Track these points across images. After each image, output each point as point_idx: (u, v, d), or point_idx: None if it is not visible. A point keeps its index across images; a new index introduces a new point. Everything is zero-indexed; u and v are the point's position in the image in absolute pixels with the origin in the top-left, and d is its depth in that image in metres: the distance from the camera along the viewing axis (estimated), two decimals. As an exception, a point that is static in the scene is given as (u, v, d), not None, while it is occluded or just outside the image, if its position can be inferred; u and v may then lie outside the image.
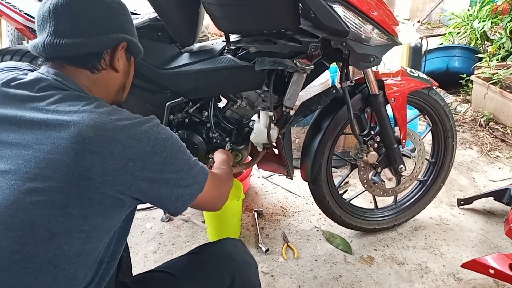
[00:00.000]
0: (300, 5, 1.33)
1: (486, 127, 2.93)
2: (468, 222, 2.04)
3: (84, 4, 0.90)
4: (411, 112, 1.90)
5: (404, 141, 1.70)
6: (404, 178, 1.81)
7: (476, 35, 3.67)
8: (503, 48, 3.37)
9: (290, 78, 1.46)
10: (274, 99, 1.52)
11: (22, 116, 0.82)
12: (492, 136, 2.85)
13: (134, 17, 1.49)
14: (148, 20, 1.50)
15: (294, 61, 1.39)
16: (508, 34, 3.34)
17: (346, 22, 1.34)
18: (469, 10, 3.92)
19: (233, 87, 1.53)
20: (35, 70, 0.95)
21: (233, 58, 1.45)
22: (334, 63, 1.67)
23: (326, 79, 2.38)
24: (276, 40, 1.40)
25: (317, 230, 1.99)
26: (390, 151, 1.70)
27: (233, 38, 1.49)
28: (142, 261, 1.80)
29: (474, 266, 1.53)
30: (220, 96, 1.62)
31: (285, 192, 2.28)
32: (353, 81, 1.60)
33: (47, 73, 0.90)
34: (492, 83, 2.93)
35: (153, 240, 1.92)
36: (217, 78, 1.47)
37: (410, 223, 2.02)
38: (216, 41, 1.59)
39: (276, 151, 1.76)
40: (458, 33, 3.89)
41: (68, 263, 0.79)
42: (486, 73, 3.04)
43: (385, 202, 2.02)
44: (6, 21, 1.65)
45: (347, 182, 2.33)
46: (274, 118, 1.51)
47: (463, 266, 1.57)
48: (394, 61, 2.76)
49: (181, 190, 0.91)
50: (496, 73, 2.97)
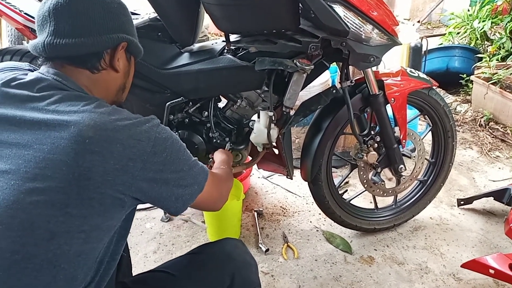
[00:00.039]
0: (300, 5, 1.33)
1: (486, 127, 2.93)
2: (468, 222, 2.04)
3: (84, 4, 0.90)
4: (411, 112, 1.90)
5: (404, 141, 1.70)
6: (404, 178, 1.81)
7: (476, 35, 3.67)
8: (503, 48, 3.37)
9: (290, 78, 1.46)
10: (274, 99, 1.52)
11: (22, 116, 0.82)
12: (492, 136, 2.85)
13: (134, 17, 1.49)
14: (148, 20, 1.51)
15: (294, 61, 1.39)
16: (508, 34, 3.34)
17: (346, 22, 1.34)
18: (469, 10, 3.91)
19: (233, 87, 1.53)
20: (35, 70, 0.95)
21: (233, 58, 1.45)
22: (334, 63, 1.67)
23: (326, 79, 2.38)
24: (276, 40, 1.40)
25: (317, 230, 1.99)
26: (390, 151, 1.70)
27: (233, 38, 1.49)
28: (142, 261, 1.80)
29: (474, 266, 1.53)
30: (220, 96, 1.62)
31: (285, 192, 2.28)
32: (353, 81, 1.60)
33: (47, 73, 0.90)
34: (492, 83, 2.93)
35: (153, 240, 1.93)
36: (217, 78, 1.47)
37: (410, 223, 2.02)
38: (216, 41, 1.59)
39: (276, 151, 1.76)
40: (458, 33, 3.88)
41: (68, 263, 0.79)
42: (486, 73, 3.04)
43: (385, 202, 2.02)
44: (6, 21, 1.65)
45: (347, 182, 2.33)
46: (274, 118, 1.51)
47: (463, 266, 1.57)
48: (394, 61, 2.76)
49: (181, 190, 0.91)
50: (496, 73, 2.98)
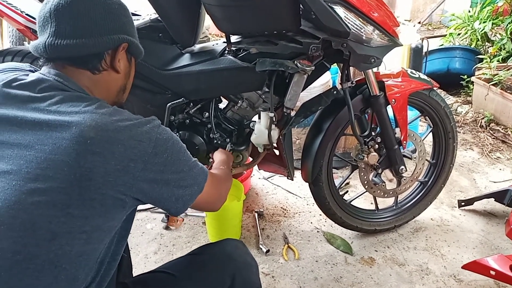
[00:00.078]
0: (301, 6, 1.33)
1: (487, 128, 2.93)
2: (469, 223, 2.04)
3: (85, 5, 0.91)
4: (412, 113, 1.90)
5: (404, 142, 1.70)
6: (404, 179, 1.81)
7: (477, 36, 3.67)
8: (504, 49, 3.36)
9: (291, 79, 1.46)
10: (275, 100, 1.52)
11: (24, 116, 0.82)
12: (493, 137, 2.85)
13: (135, 18, 1.50)
14: (149, 21, 1.51)
15: (295, 62, 1.39)
16: (509, 35, 3.33)
17: (347, 23, 1.34)
18: (469, 11, 3.91)
19: (234, 88, 1.53)
20: (36, 71, 0.95)
21: (234, 59, 1.45)
22: (335, 64, 1.67)
23: (327, 80, 2.38)
24: (277, 41, 1.40)
25: (317, 231, 1.99)
26: (390, 152, 1.70)
27: (234, 39, 1.49)
28: (143, 261, 1.80)
29: (475, 267, 1.53)
30: (221, 97, 1.62)
31: (285, 193, 2.28)
32: (353, 82, 1.60)
33: (48, 74, 0.90)
34: (492, 84, 2.93)
35: (153, 241, 1.93)
36: (218, 79, 1.47)
37: (410, 224, 2.02)
38: (217, 42, 1.60)
39: (276, 152, 1.76)
40: (459, 34, 3.88)
41: (69, 264, 0.79)
42: (487, 74, 3.04)
43: (385, 203, 2.02)
44: (7, 22, 1.66)
45: (348, 183, 2.33)
46: (274, 119, 1.51)
47: (464, 267, 1.57)
48: (394, 62, 2.76)
49: (181, 190, 0.92)
50: (497, 74, 2.98)
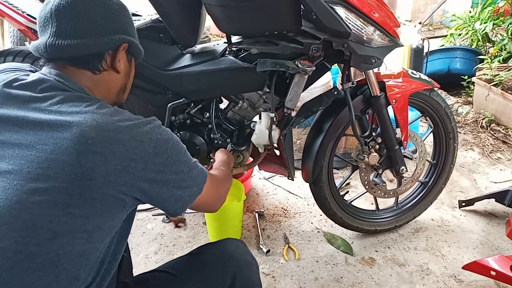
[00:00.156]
0: (301, 6, 1.34)
1: (487, 129, 2.93)
2: (469, 224, 2.04)
3: (85, 5, 0.91)
4: (413, 113, 1.90)
5: (405, 142, 1.70)
6: (405, 180, 1.81)
7: (477, 37, 3.67)
8: (505, 49, 3.36)
9: (292, 79, 1.46)
10: (275, 101, 1.52)
11: (25, 116, 0.82)
12: (493, 137, 2.85)
13: (136, 18, 1.50)
14: (150, 21, 1.51)
15: (296, 62, 1.39)
16: (509, 36, 3.33)
17: (347, 23, 1.34)
18: (470, 12, 3.91)
19: (234, 89, 1.54)
20: (36, 71, 0.95)
21: (234, 60, 1.45)
22: (336, 65, 1.67)
23: (327, 81, 2.39)
24: (277, 41, 1.40)
25: (318, 231, 1.99)
26: (391, 153, 1.70)
27: (234, 39, 1.49)
28: (143, 261, 1.80)
29: (476, 267, 1.53)
30: (221, 97, 1.62)
31: (286, 193, 2.28)
32: (354, 82, 1.60)
33: (49, 74, 0.90)
34: (493, 85, 2.93)
35: (154, 241, 1.93)
36: (218, 80, 1.47)
37: (411, 225, 2.02)
38: (217, 42, 1.60)
39: (277, 152, 1.76)
40: (460, 34, 3.88)
41: (70, 263, 0.79)
42: (487, 74, 3.04)
43: (386, 203, 2.02)
44: (8, 22, 1.66)
45: (348, 184, 2.33)
46: (275, 119, 1.51)
47: (465, 267, 1.57)
48: (395, 62, 2.76)
49: (180, 191, 0.92)
50: (497, 74, 2.98)
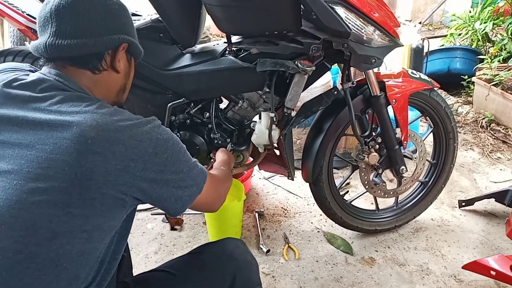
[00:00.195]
0: (301, 6, 1.34)
1: (487, 129, 2.93)
2: (469, 224, 2.04)
3: (85, 5, 0.91)
4: (413, 113, 1.90)
5: (405, 142, 1.70)
6: (405, 180, 1.81)
7: (477, 37, 3.67)
8: (505, 49, 3.36)
9: (292, 79, 1.46)
10: (275, 100, 1.52)
11: (25, 116, 0.82)
12: (493, 137, 2.85)
13: (135, 18, 1.50)
14: (150, 21, 1.51)
15: (296, 62, 1.39)
16: (509, 36, 3.33)
17: (347, 23, 1.34)
18: (470, 12, 3.91)
19: (234, 88, 1.54)
20: (36, 71, 0.95)
21: (234, 60, 1.45)
22: (336, 65, 1.67)
23: (327, 81, 2.39)
24: (277, 41, 1.40)
25: (318, 231, 1.99)
26: (391, 153, 1.70)
27: (234, 39, 1.49)
28: (143, 261, 1.80)
29: (476, 267, 1.53)
30: (221, 97, 1.62)
31: (286, 193, 2.28)
32: (354, 82, 1.60)
33: (49, 73, 0.90)
34: (493, 85, 2.93)
35: (154, 240, 1.93)
36: (218, 79, 1.47)
37: (411, 224, 2.02)
38: (217, 42, 1.60)
39: (277, 152, 1.76)
40: (460, 34, 3.88)
41: (70, 263, 0.79)
42: (487, 74, 3.04)
43: (386, 203, 2.02)
44: (8, 22, 1.66)
45: (348, 183, 2.33)
46: (275, 119, 1.51)
47: (464, 267, 1.57)
48: (395, 62, 2.76)
49: (180, 191, 0.92)
50: (497, 74, 2.98)
